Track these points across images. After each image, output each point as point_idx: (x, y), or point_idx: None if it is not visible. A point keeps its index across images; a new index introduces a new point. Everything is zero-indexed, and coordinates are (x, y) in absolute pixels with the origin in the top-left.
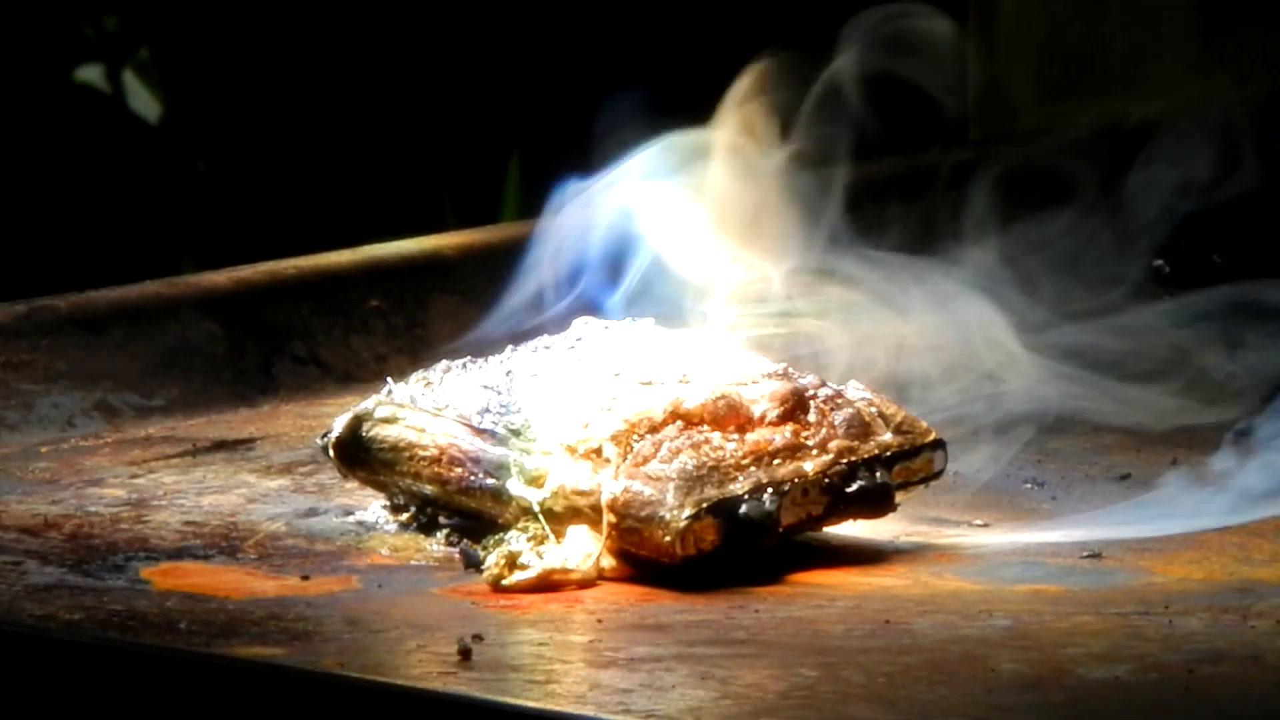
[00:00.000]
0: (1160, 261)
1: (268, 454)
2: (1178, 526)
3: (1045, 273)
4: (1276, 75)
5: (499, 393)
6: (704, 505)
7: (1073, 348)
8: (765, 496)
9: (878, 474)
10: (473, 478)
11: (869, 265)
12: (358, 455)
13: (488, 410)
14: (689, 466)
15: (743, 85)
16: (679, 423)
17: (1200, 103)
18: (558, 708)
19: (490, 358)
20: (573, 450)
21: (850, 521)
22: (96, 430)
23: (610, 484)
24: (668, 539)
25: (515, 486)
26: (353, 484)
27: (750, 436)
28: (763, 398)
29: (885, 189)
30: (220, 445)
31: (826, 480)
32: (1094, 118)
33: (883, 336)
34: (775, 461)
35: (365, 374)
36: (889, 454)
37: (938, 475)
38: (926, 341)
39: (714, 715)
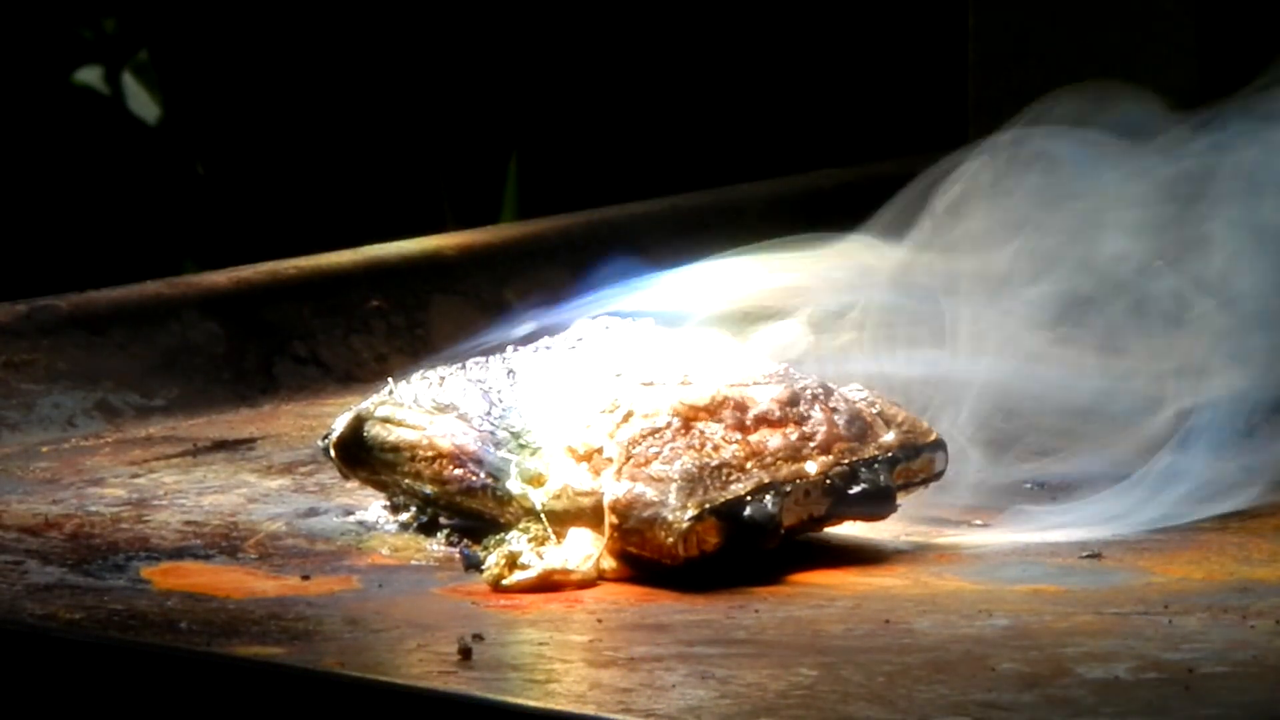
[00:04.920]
0: (1159, 262)
1: (268, 454)
2: (1177, 526)
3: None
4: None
5: (500, 393)
6: (706, 506)
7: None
8: (767, 498)
9: (880, 475)
10: (474, 478)
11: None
12: (359, 455)
13: (489, 411)
14: (691, 467)
15: None
16: (681, 424)
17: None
18: (558, 707)
19: (492, 358)
20: (574, 451)
21: (851, 522)
22: (97, 430)
23: (612, 485)
24: (670, 540)
25: (516, 487)
26: (353, 484)
27: (752, 437)
28: (764, 398)
29: None
30: (221, 445)
31: (828, 481)
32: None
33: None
34: (777, 462)
35: (366, 374)
36: (890, 455)
37: (938, 476)
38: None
39: (714, 715)
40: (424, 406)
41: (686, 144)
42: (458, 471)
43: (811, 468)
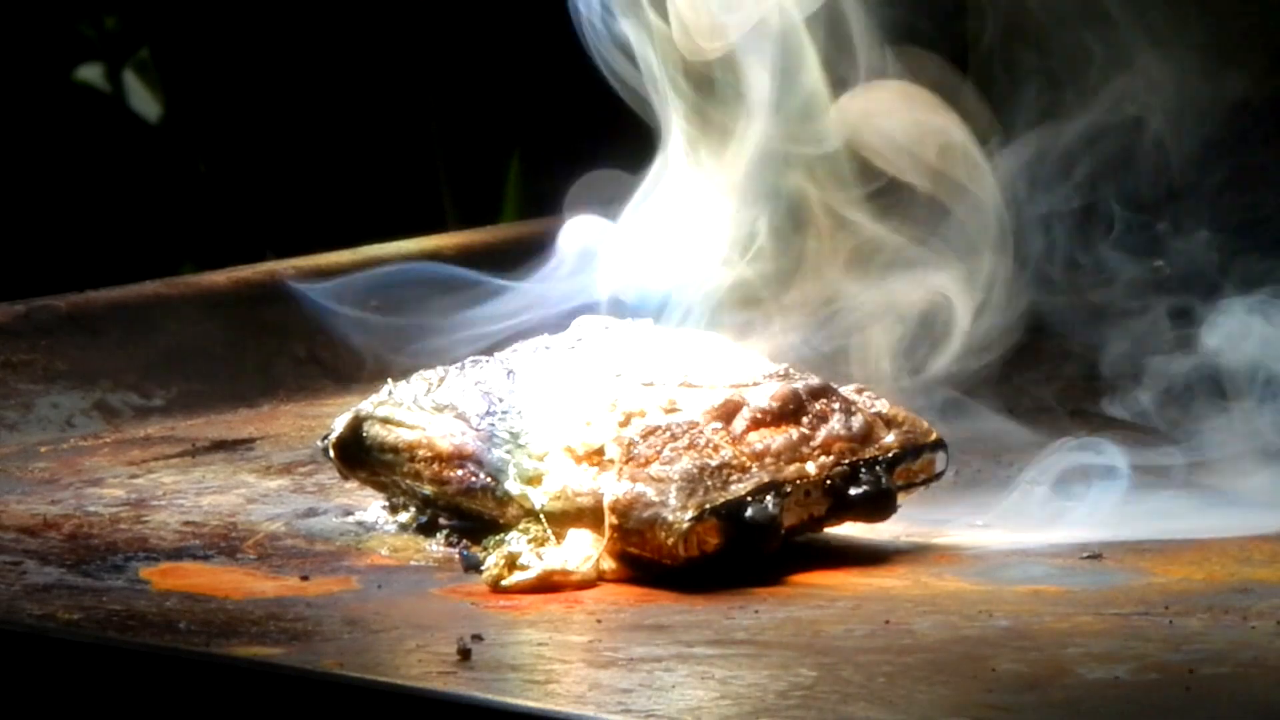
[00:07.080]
0: (1160, 263)
1: (267, 454)
2: (1178, 528)
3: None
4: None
5: (500, 394)
6: (707, 507)
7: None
8: (768, 498)
9: (880, 476)
10: (473, 479)
11: None
12: (358, 456)
13: (489, 411)
14: (691, 468)
15: None
16: (681, 424)
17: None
18: (558, 708)
19: (491, 358)
20: (574, 451)
21: (851, 523)
22: (96, 430)
23: (612, 485)
24: (670, 540)
25: (515, 488)
26: (353, 484)
27: (752, 438)
28: (765, 399)
29: None
30: (220, 445)
31: (828, 482)
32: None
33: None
34: (777, 463)
35: (365, 374)
36: (891, 455)
37: (939, 476)
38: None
39: (714, 715)
40: (423, 407)
41: None
42: (457, 472)
43: (812, 468)
